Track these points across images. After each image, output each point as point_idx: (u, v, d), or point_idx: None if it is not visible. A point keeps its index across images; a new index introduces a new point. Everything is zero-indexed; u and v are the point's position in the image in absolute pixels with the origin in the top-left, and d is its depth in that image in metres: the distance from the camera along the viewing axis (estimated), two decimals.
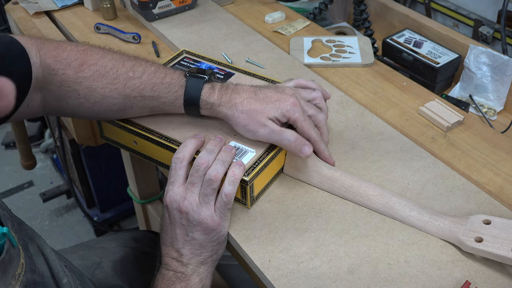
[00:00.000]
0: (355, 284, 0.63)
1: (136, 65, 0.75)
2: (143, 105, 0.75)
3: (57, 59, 0.72)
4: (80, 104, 0.74)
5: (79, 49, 0.74)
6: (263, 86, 0.76)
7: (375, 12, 1.27)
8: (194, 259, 0.69)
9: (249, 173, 0.69)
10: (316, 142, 0.74)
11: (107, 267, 0.93)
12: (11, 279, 0.54)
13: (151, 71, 0.74)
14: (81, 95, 0.73)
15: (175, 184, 0.69)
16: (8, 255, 0.53)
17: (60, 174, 1.99)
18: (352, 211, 0.72)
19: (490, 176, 0.77)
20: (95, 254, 0.96)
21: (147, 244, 1.04)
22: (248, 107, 0.71)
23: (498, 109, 1.03)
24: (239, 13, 1.19)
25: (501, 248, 0.62)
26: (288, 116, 0.72)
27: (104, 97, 0.73)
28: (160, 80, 0.74)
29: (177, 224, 0.69)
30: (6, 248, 0.53)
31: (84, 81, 0.72)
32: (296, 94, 0.74)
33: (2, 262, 0.52)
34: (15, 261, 0.55)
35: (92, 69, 0.73)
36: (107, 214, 1.84)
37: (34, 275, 0.59)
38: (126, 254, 0.98)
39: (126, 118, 0.79)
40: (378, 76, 0.98)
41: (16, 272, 0.55)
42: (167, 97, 0.74)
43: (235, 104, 0.72)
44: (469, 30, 1.21)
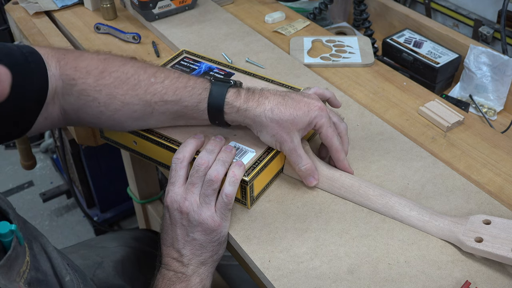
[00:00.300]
0: (355, 284, 0.63)
1: (159, 72, 0.73)
2: (165, 110, 0.73)
3: (77, 68, 0.71)
4: (100, 113, 0.72)
5: (100, 57, 0.73)
6: (289, 91, 0.73)
7: (375, 12, 1.27)
8: (195, 260, 0.69)
9: (249, 173, 0.69)
10: (338, 151, 0.73)
11: (109, 266, 0.93)
12: (15, 276, 0.54)
13: (174, 77, 0.73)
14: (101, 103, 0.71)
15: (176, 184, 0.69)
16: (14, 252, 0.54)
17: (60, 174, 1.99)
18: (352, 211, 0.72)
19: (490, 176, 0.77)
20: (96, 253, 0.96)
21: (147, 243, 1.04)
22: (279, 116, 0.69)
23: (498, 109, 1.03)
24: (239, 13, 1.19)
25: (501, 248, 0.62)
26: (315, 122, 0.70)
27: (124, 104, 0.71)
28: (183, 84, 0.72)
29: (177, 225, 0.69)
30: (13, 245, 0.53)
31: (104, 89, 0.71)
32: (321, 100, 0.73)
33: (9, 258, 0.53)
34: (21, 258, 0.55)
35: (113, 76, 0.71)
36: (107, 214, 1.83)
37: (37, 273, 0.59)
38: (127, 254, 0.98)
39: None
40: (378, 76, 0.98)
41: (21, 270, 0.55)
42: (190, 101, 0.71)
43: (264, 111, 0.69)
44: (469, 30, 1.21)
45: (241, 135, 0.76)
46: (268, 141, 0.72)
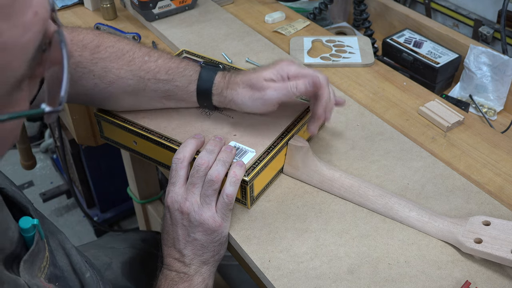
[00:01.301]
0: (355, 284, 0.63)
1: (152, 51, 0.76)
2: (156, 88, 0.75)
3: (73, 41, 0.72)
4: (94, 85, 0.74)
5: (94, 32, 0.75)
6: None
7: (375, 12, 1.27)
8: (196, 259, 0.69)
9: (249, 173, 0.69)
10: (323, 87, 0.73)
11: (117, 268, 0.94)
12: (37, 271, 0.54)
13: (167, 57, 0.76)
14: (96, 76, 0.73)
15: (176, 184, 0.69)
16: (37, 247, 0.54)
17: (60, 174, 1.99)
18: (352, 211, 0.72)
19: (490, 176, 0.77)
20: (105, 254, 0.97)
21: (153, 245, 1.04)
22: (245, 80, 0.72)
23: (498, 109, 1.03)
24: (239, 13, 1.19)
25: (500, 250, 0.62)
26: (285, 71, 0.72)
27: (118, 78, 0.74)
28: (175, 65, 0.75)
29: (178, 225, 0.69)
30: (36, 240, 0.53)
31: (100, 62, 0.73)
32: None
33: (32, 253, 0.53)
34: (42, 253, 0.55)
35: (109, 51, 0.73)
36: (107, 214, 1.83)
37: (55, 269, 0.59)
38: (134, 255, 0.98)
39: (125, 118, 0.79)
40: (378, 76, 0.98)
41: (42, 265, 0.55)
42: (181, 81, 0.75)
43: (237, 83, 0.73)
44: (469, 30, 1.21)
45: (241, 135, 0.76)
46: (253, 106, 0.73)
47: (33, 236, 0.53)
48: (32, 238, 0.53)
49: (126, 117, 0.80)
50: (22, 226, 0.53)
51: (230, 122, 0.78)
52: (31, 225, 0.53)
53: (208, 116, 0.79)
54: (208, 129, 0.77)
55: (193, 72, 0.75)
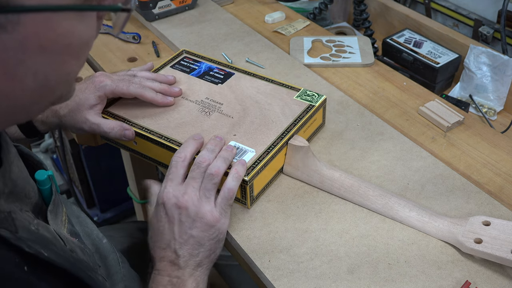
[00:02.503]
0: (355, 284, 0.63)
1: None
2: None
3: None
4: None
5: None
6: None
7: (375, 12, 1.27)
8: (191, 261, 0.67)
9: (249, 172, 0.69)
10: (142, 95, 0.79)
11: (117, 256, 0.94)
12: (61, 224, 0.55)
13: None
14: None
15: (174, 181, 0.68)
16: (56, 198, 0.55)
17: (60, 174, 1.99)
18: (352, 211, 0.72)
19: (490, 176, 0.77)
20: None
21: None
22: (69, 105, 0.77)
23: (498, 109, 1.03)
24: (239, 13, 1.19)
25: (500, 250, 0.62)
26: (102, 93, 0.78)
27: None
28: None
29: (175, 221, 0.67)
30: (54, 191, 0.55)
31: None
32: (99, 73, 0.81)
33: (54, 203, 0.54)
34: (60, 207, 0.56)
35: None
36: (107, 214, 1.83)
37: (73, 227, 0.60)
38: (134, 244, 0.98)
39: (125, 118, 0.79)
40: (378, 76, 0.98)
41: (63, 218, 0.56)
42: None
43: (57, 110, 0.78)
44: (469, 30, 1.21)
45: (241, 135, 0.76)
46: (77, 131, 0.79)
47: (50, 188, 0.55)
48: (50, 190, 0.55)
49: (126, 117, 0.80)
50: (38, 178, 0.54)
51: (230, 122, 0.78)
52: (46, 177, 0.54)
53: (208, 116, 0.79)
54: (208, 129, 0.77)
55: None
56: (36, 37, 0.38)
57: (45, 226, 0.50)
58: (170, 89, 0.82)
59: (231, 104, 0.82)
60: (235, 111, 0.80)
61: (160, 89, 0.81)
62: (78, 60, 0.44)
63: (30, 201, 0.51)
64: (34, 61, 0.39)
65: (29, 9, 0.36)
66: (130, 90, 0.79)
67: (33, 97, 0.42)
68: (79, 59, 0.44)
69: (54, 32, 0.39)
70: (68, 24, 0.40)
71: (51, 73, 0.41)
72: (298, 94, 0.83)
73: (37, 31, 0.38)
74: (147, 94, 0.79)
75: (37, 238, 0.46)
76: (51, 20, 0.38)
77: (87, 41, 0.44)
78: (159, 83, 0.82)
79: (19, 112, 0.43)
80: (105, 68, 1.01)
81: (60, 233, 0.52)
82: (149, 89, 0.80)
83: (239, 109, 0.80)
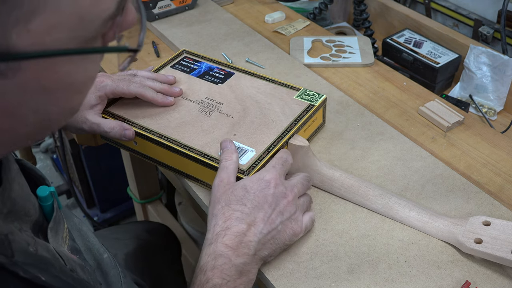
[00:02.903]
0: (355, 284, 0.63)
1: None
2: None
3: None
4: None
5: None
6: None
7: (375, 12, 1.27)
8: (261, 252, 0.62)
9: (249, 172, 0.69)
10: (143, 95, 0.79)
11: (121, 259, 0.94)
12: (61, 241, 0.54)
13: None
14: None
15: (282, 173, 0.66)
16: (58, 215, 0.54)
17: (60, 174, 1.99)
18: (352, 211, 0.72)
19: (490, 176, 0.77)
20: (110, 245, 0.96)
21: (159, 236, 1.04)
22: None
23: (498, 109, 1.03)
24: (239, 13, 1.19)
25: (500, 250, 0.62)
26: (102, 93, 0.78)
27: None
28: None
29: (276, 207, 0.63)
30: (55, 207, 0.54)
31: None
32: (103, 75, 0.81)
33: (55, 220, 0.53)
34: (62, 224, 0.55)
35: None
36: (107, 214, 1.83)
37: (74, 243, 0.59)
38: (139, 247, 0.98)
39: (125, 118, 0.79)
40: (378, 76, 0.98)
41: (64, 235, 0.55)
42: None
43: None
44: (469, 30, 1.21)
45: (241, 134, 0.76)
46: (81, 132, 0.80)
47: (52, 204, 0.54)
48: (52, 206, 0.54)
49: (126, 117, 0.80)
50: (40, 195, 0.53)
51: (230, 122, 0.78)
52: (48, 193, 0.53)
53: (208, 115, 0.79)
54: (208, 129, 0.77)
55: None
56: (37, 81, 0.37)
57: (44, 245, 0.48)
58: (171, 89, 0.82)
59: (231, 103, 0.82)
60: (235, 111, 0.80)
61: (160, 89, 0.81)
62: (81, 94, 0.43)
63: (30, 219, 0.50)
64: (36, 101, 0.38)
65: (31, 56, 0.35)
66: (130, 89, 0.79)
67: (35, 129, 0.41)
68: (82, 93, 0.43)
69: (56, 74, 0.38)
70: (71, 65, 0.38)
71: (54, 109, 0.40)
72: (298, 93, 0.83)
73: (39, 75, 0.36)
74: (147, 94, 0.79)
75: (35, 261, 0.45)
76: (54, 64, 0.37)
77: (91, 77, 0.43)
78: (160, 83, 0.82)
79: (19, 141, 0.42)
80: (105, 68, 1.01)
81: (61, 251, 0.51)
82: (149, 89, 0.80)
83: (239, 108, 0.81)
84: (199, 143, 0.74)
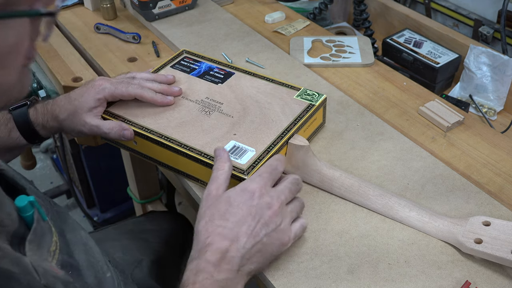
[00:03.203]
0: (355, 284, 0.63)
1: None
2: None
3: None
4: None
5: None
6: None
7: (375, 12, 1.27)
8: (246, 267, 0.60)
9: (249, 172, 0.69)
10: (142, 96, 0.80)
11: (147, 266, 0.92)
12: (46, 255, 0.51)
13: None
14: None
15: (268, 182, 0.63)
16: (39, 227, 0.51)
17: (60, 174, 1.99)
18: (352, 211, 0.72)
19: (490, 176, 0.77)
20: (137, 247, 0.95)
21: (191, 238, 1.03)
22: (68, 109, 0.78)
23: (498, 109, 1.03)
24: (239, 13, 1.19)
25: (500, 250, 0.62)
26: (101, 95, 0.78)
27: None
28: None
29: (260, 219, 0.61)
30: (36, 218, 0.51)
31: None
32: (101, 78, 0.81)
33: (35, 233, 0.50)
34: (48, 236, 0.53)
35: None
36: (107, 214, 1.83)
37: (70, 258, 0.56)
38: (166, 254, 0.97)
39: (125, 118, 0.79)
40: (378, 76, 0.98)
41: (51, 249, 0.52)
42: (1, 133, 0.80)
43: (56, 115, 0.79)
44: (469, 30, 1.21)
45: (241, 134, 0.76)
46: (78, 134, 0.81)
47: (32, 215, 0.51)
48: (32, 217, 0.51)
49: (126, 117, 0.80)
50: (18, 205, 0.50)
51: (230, 122, 0.78)
52: (27, 203, 0.50)
53: (208, 115, 0.79)
54: (208, 129, 0.77)
55: (6, 121, 0.79)
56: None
57: (15, 258, 0.46)
58: (170, 88, 0.82)
59: (231, 103, 0.82)
60: (235, 111, 0.80)
61: (159, 89, 0.81)
62: (5, 69, 0.40)
63: (5, 230, 0.48)
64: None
65: None
66: (129, 91, 0.79)
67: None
68: (6, 68, 0.40)
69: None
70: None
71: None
72: (298, 93, 0.83)
73: None
74: (146, 95, 0.79)
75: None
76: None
77: (13, 47, 0.40)
78: (159, 83, 0.82)
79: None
80: (105, 68, 1.01)
81: (39, 265, 0.48)
82: (148, 90, 0.80)
83: (239, 108, 0.81)
84: (199, 142, 0.74)
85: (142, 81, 0.82)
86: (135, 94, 0.79)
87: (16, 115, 0.79)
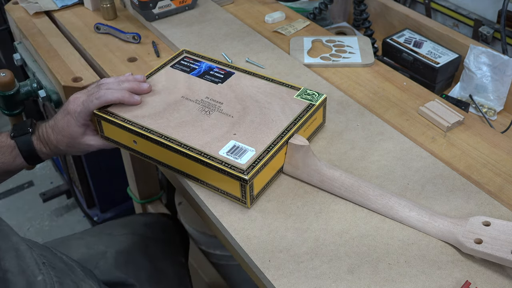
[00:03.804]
0: (355, 284, 0.63)
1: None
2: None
3: None
4: None
5: None
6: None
7: (375, 12, 1.27)
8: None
9: (249, 171, 0.69)
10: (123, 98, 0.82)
11: (112, 257, 0.93)
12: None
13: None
14: None
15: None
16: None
17: (60, 174, 1.99)
18: (352, 211, 0.72)
19: (490, 176, 0.77)
20: (101, 242, 0.96)
21: (159, 229, 1.03)
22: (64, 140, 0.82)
23: (498, 109, 1.03)
24: (239, 13, 1.19)
25: (500, 250, 0.62)
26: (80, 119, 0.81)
27: None
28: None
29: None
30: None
31: None
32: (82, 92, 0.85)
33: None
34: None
35: None
36: (107, 214, 1.83)
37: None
38: (134, 242, 0.98)
39: (125, 118, 0.79)
40: (378, 76, 0.98)
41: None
42: (5, 159, 0.83)
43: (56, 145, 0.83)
44: (469, 30, 1.21)
45: (241, 134, 0.76)
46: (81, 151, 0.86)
47: None
48: None
49: (126, 117, 0.80)
50: None
51: (230, 121, 0.78)
52: None
53: (208, 115, 0.79)
54: (208, 128, 0.77)
55: (11, 148, 0.83)
56: None
57: None
58: (139, 86, 0.83)
59: (231, 103, 0.82)
60: (235, 110, 0.80)
61: (128, 88, 0.82)
62: None
63: None
64: None
65: None
66: (100, 101, 0.81)
67: None
68: None
69: None
70: None
71: None
72: (298, 93, 0.83)
73: None
74: (111, 97, 0.80)
75: None
76: None
77: None
78: (128, 83, 0.83)
79: None
80: (105, 68, 1.01)
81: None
82: (114, 92, 0.81)
83: (239, 108, 0.81)
84: (199, 142, 0.74)
85: (110, 85, 0.83)
86: (104, 101, 0.81)
87: (21, 144, 0.83)
